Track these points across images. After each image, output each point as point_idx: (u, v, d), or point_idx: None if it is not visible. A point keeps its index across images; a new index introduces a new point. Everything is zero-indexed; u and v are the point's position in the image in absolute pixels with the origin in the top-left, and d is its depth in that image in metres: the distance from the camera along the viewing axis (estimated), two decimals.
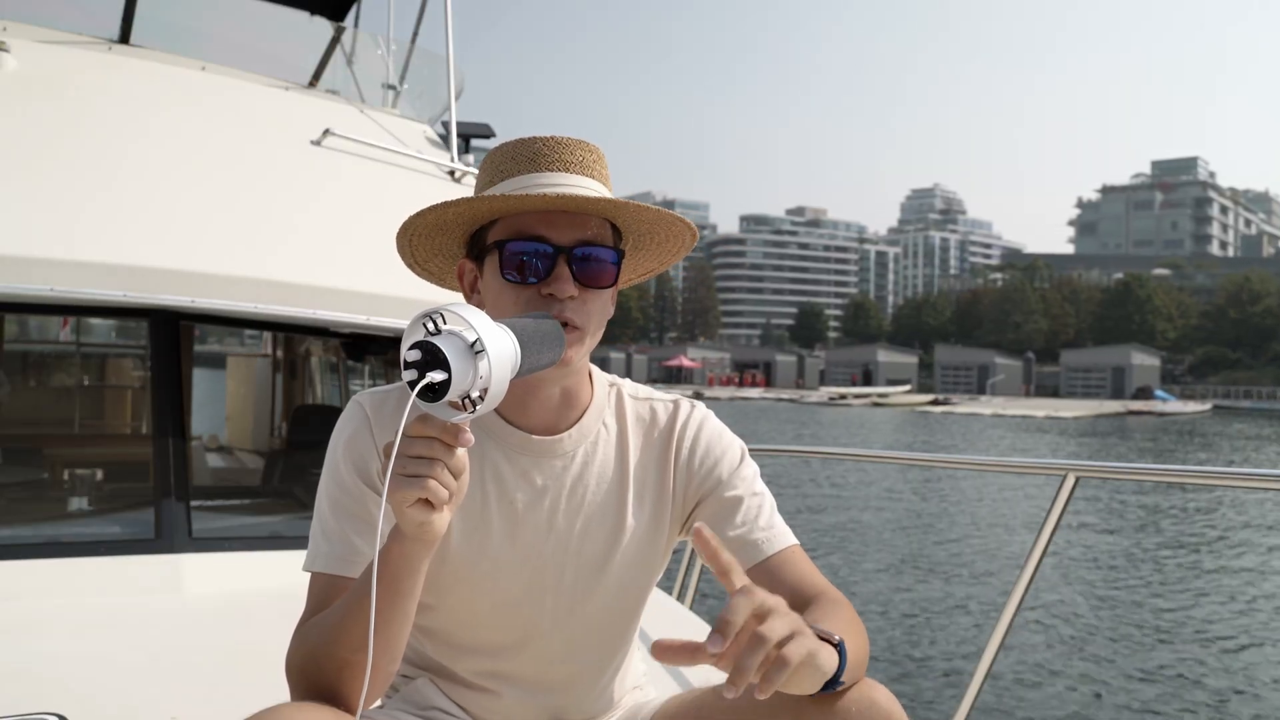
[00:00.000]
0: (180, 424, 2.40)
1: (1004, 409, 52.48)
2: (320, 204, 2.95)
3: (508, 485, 1.21)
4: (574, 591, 1.23)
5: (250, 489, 4.24)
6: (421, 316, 0.88)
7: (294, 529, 2.59)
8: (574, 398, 1.24)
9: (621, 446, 1.27)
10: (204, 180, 2.74)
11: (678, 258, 1.31)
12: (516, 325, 0.95)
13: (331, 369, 5.20)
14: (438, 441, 0.91)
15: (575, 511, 1.23)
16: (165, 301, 2.36)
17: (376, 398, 1.20)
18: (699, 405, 1.32)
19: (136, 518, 2.47)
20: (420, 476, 0.90)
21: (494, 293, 1.16)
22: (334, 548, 1.14)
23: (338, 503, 1.16)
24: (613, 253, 1.18)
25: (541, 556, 1.22)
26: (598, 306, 1.17)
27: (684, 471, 1.27)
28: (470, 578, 1.20)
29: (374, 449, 1.16)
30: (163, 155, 2.75)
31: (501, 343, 0.89)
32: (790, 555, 1.23)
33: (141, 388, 4.74)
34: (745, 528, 1.23)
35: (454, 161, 3.41)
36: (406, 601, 1.02)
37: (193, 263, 2.43)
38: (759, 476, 1.30)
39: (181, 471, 2.35)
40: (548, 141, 1.19)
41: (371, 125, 3.43)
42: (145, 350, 2.68)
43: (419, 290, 1.57)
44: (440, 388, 0.85)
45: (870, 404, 60.33)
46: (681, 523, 1.29)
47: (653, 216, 1.19)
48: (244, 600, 2.12)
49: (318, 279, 2.59)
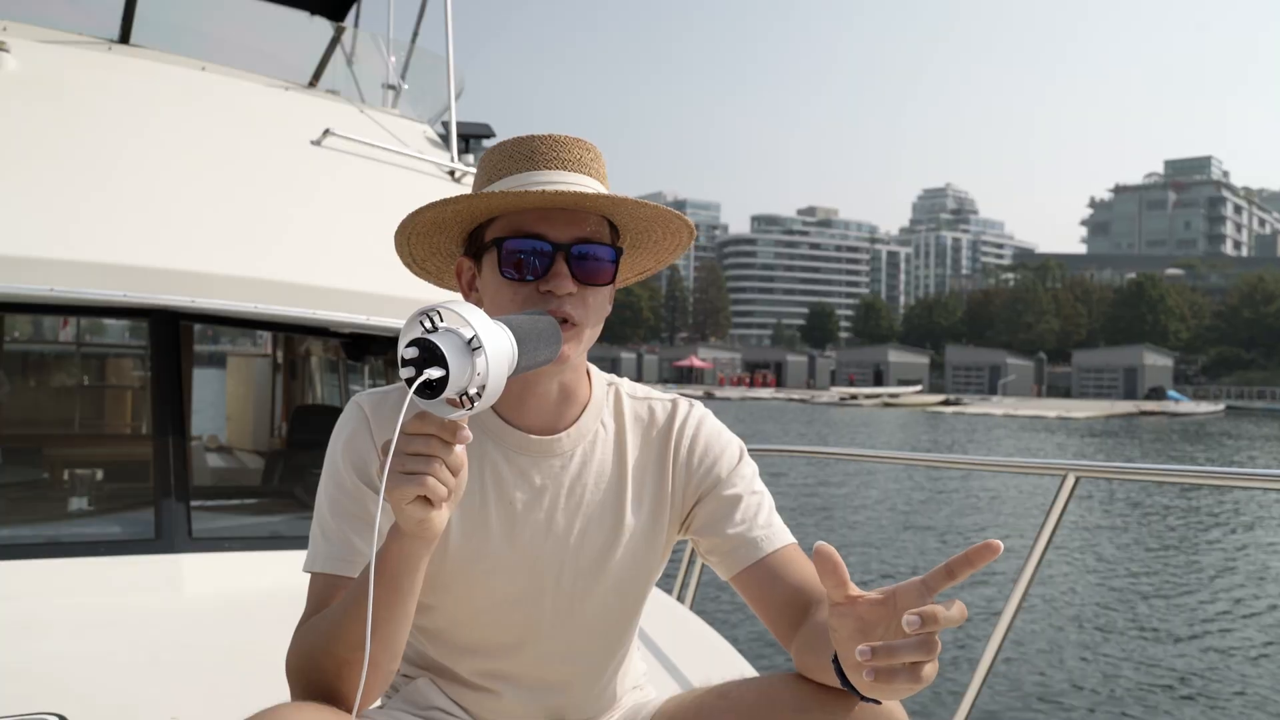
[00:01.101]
0: (180, 424, 2.42)
1: (1015, 409, 52.33)
2: (320, 204, 2.96)
3: (506, 485, 1.22)
4: (573, 591, 1.24)
5: (250, 489, 4.25)
6: (419, 314, 0.89)
7: (294, 529, 2.60)
8: (572, 396, 1.25)
9: (620, 446, 1.28)
10: (204, 180, 2.75)
11: (676, 256, 1.32)
12: (513, 322, 0.96)
13: (331, 369, 5.21)
14: (436, 438, 0.92)
15: (574, 511, 1.24)
16: (165, 301, 2.38)
17: (375, 398, 1.22)
18: (697, 404, 1.33)
19: (136, 518, 2.48)
20: (419, 473, 0.91)
21: (492, 290, 1.17)
22: (334, 548, 1.16)
23: (337, 503, 1.17)
24: (610, 250, 1.19)
25: (540, 556, 1.23)
26: (596, 303, 1.18)
27: (683, 470, 1.28)
28: (469, 577, 1.22)
29: (373, 449, 1.18)
30: (163, 155, 2.77)
31: (498, 339, 0.90)
32: (790, 554, 1.24)
33: (141, 388, 4.76)
34: (744, 525, 1.24)
35: (454, 161, 3.43)
36: (406, 600, 1.03)
37: (193, 263, 2.45)
38: (758, 475, 1.31)
39: (181, 471, 2.36)
40: (545, 140, 1.20)
41: (371, 125, 3.45)
42: (145, 350, 2.69)
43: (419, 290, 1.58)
44: (438, 385, 0.86)
45: (881, 404, 60.18)
46: (680, 522, 1.30)
47: (650, 213, 1.20)
48: (244, 600, 2.13)
49: (318, 279, 2.60)
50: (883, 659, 0.87)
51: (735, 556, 1.24)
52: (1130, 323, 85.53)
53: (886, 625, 0.93)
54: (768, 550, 1.23)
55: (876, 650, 0.88)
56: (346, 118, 3.36)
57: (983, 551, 0.88)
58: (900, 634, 0.89)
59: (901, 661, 0.87)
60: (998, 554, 0.87)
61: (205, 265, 2.46)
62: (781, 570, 1.22)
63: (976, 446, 28.97)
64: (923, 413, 51.35)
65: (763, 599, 1.22)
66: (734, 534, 1.24)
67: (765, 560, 1.23)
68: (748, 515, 1.25)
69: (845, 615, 0.95)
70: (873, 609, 0.94)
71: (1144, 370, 72.37)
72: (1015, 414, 49.09)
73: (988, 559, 0.88)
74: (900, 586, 0.93)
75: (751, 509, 1.26)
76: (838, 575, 0.93)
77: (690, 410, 1.32)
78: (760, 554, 1.23)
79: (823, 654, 1.06)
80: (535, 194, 1.11)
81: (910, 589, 0.92)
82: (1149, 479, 2.49)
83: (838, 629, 0.96)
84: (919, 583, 0.92)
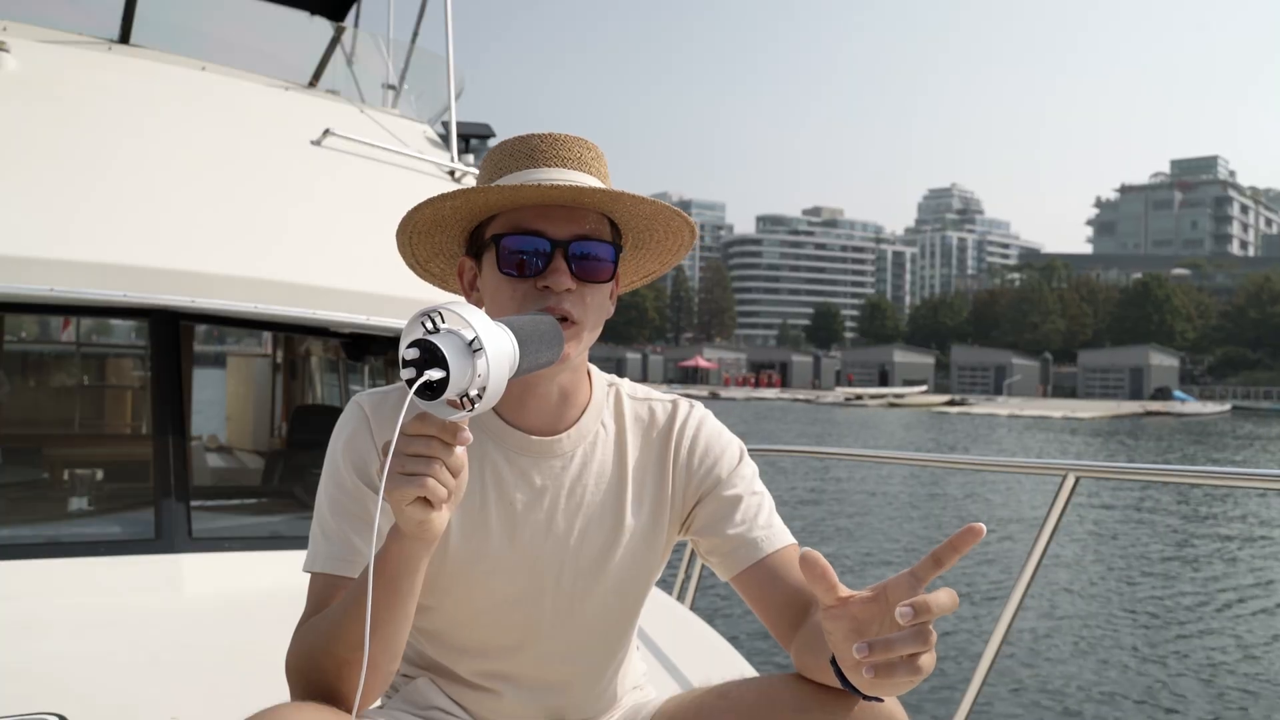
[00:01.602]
0: (180, 424, 2.43)
1: (1021, 409, 52.28)
2: (320, 204, 2.97)
3: (507, 485, 1.23)
4: (573, 592, 1.25)
5: (250, 489, 4.26)
6: (420, 315, 0.90)
7: (294, 529, 2.61)
8: (572, 397, 1.26)
9: (620, 446, 1.28)
10: (203, 180, 2.76)
11: (679, 257, 1.33)
12: (515, 324, 0.97)
13: (331, 369, 5.22)
14: (436, 440, 0.92)
15: (574, 512, 1.25)
16: (165, 301, 2.39)
17: (375, 398, 1.23)
18: (697, 405, 1.34)
19: (136, 518, 2.49)
20: (419, 475, 0.92)
21: (492, 288, 1.18)
22: (334, 548, 1.16)
23: (337, 503, 1.18)
24: (610, 248, 1.19)
25: (540, 557, 1.24)
26: (595, 302, 1.19)
27: (683, 471, 1.29)
28: (469, 578, 1.22)
29: (373, 449, 1.18)
30: (162, 155, 2.78)
31: (500, 341, 0.91)
32: (790, 554, 1.25)
33: (141, 388, 4.77)
34: (744, 526, 1.25)
35: (454, 162, 3.44)
36: (405, 601, 1.03)
37: (193, 262, 2.46)
38: (758, 476, 1.32)
39: (181, 471, 2.37)
40: (545, 138, 1.21)
41: (371, 125, 3.46)
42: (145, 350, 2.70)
43: (419, 290, 1.59)
44: (438, 386, 0.87)
45: (886, 405, 60.09)
46: (680, 522, 1.31)
47: (649, 210, 1.20)
48: (244, 600, 2.14)
49: (317, 279, 2.61)
50: (880, 654, 0.88)
51: (735, 557, 1.25)
52: (1136, 323, 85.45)
53: (880, 621, 0.94)
54: (768, 551, 1.24)
55: (873, 646, 0.89)
56: (346, 118, 3.37)
57: (966, 536, 0.89)
58: (895, 627, 0.90)
59: (899, 654, 0.88)
60: (981, 537, 0.88)
61: (205, 265, 2.47)
62: (781, 571, 1.23)
63: (981, 446, 28.95)
64: (928, 413, 51.31)
65: (763, 599, 1.23)
66: (734, 534, 1.25)
67: (765, 561, 1.23)
68: (748, 516, 1.26)
69: (839, 617, 0.96)
70: (865, 607, 0.95)
71: (1150, 370, 72.29)
72: (1021, 414, 49.07)
73: (971, 543, 0.89)
74: (890, 581, 0.94)
75: (752, 509, 1.26)
76: (827, 580, 0.94)
77: (690, 411, 1.33)
78: (760, 554, 1.24)
79: (821, 655, 1.07)
80: (532, 188, 1.12)
81: (900, 582, 0.93)
82: (1149, 479, 2.51)
83: (832, 631, 0.97)
84: (908, 575, 0.93)
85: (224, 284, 2.46)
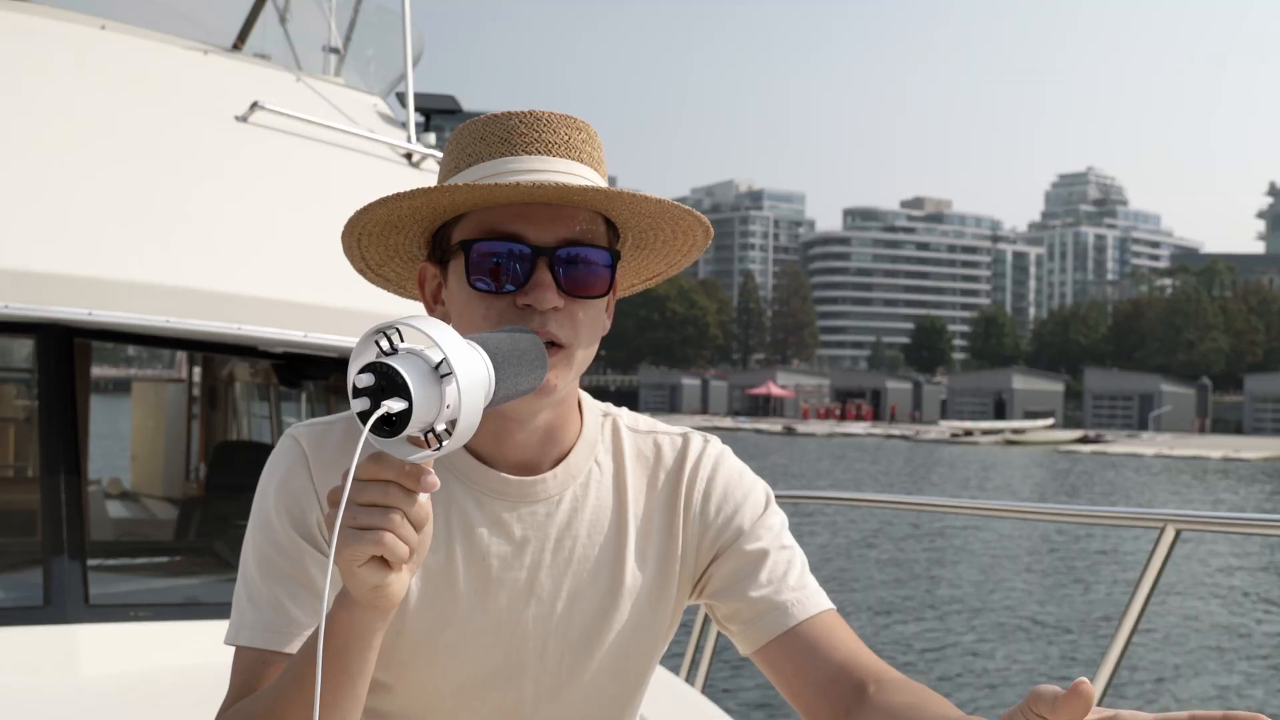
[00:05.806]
0: (75, 464, 2.43)
1: (1170, 448, 51.96)
2: (248, 195, 2.98)
3: (478, 537, 1.22)
4: (559, 669, 1.25)
5: (160, 545, 4.26)
6: (374, 332, 0.89)
7: (214, 594, 2.61)
8: (560, 429, 1.25)
9: (619, 489, 1.28)
10: (104, 166, 2.77)
11: (691, 259, 1.33)
12: (489, 342, 0.96)
13: (261, 397, 5.22)
14: (395, 486, 0.92)
15: (562, 570, 1.24)
16: (57, 314, 2.39)
17: (316, 431, 1.22)
18: (713, 440, 1.34)
19: (21, 580, 2.50)
20: (374, 529, 0.91)
21: (460, 304, 1.18)
22: (264, 617, 1.16)
23: (268, 561, 1.17)
24: (605, 254, 1.19)
25: (520, 626, 1.23)
26: (587, 320, 1.19)
27: (697, 520, 1.29)
28: (431, 651, 1.22)
29: (314, 495, 1.18)
30: (53, 135, 2.79)
31: (472, 364, 0.91)
32: (827, 621, 1.24)
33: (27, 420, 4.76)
34: (771, 588, 1.25)
35: (411, 142, 3.46)
36: (356, 682, 1.03)
37: (90, 267, 2.46)
38: (787, 527, 1.32)
39: (76, 523, 2.37)
40: (524, 118, 1.21)
41: (310, 97, 3.47)
42: (31, 374, 2.70)
43: (369, 301, 1.60)
44: (398, 420, 0.86)
45: (1002, 441, 59.86)
46: (693, 583, 1.30)
47: (654, 209, 1.20)
48: (152, 681, 2.14)
49: (243, 287, 2.62)
50: None
51: (760, 625, 1.24)
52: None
53: None
54: (800, 618, 1.23)
55: None
56: (279, 88, 3.39)
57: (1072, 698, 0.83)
58: None
59: None
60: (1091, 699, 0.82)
61: (105, 270, 2.47)
62: (819, 642, 1.22)
63: (1102, 494, 28.81)
64: (1054, 451, 51.13)
65: (796, 678, 1.22)
66: (758, 597, 1.24)
67: (797, 629, 1.23)
68: (775, 575, 1.25)
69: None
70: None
71: None
72: (1169, 454, 48.76)
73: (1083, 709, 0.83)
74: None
75: (780, 567, 1.26)
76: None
77: (705, 447, 1.32)
78: (791, 622, 1.23)
79: None
80: (509, 186, 1.12)
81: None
82: (1260, 532, 2.54)
83: None
84: None
85: (128, 292, 2.46)
